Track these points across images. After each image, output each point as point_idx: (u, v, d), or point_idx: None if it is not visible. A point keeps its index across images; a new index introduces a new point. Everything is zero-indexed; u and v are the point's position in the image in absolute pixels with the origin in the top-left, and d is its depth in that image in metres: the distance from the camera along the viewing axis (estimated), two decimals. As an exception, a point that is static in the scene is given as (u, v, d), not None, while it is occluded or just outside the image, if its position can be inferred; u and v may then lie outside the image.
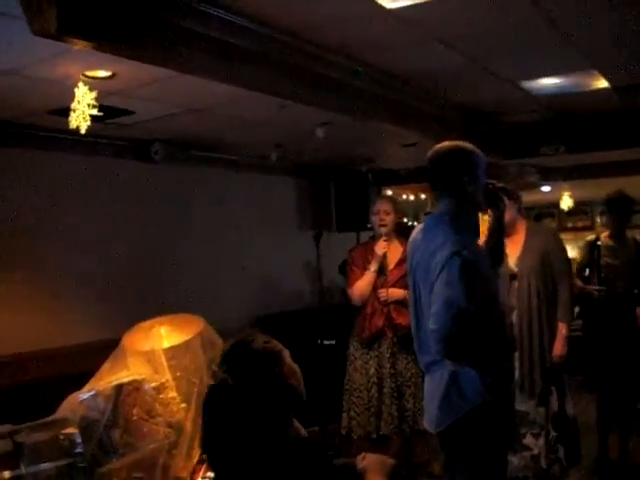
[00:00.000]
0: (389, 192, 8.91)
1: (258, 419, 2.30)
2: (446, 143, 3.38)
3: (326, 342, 6.89)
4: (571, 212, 13.56)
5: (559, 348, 4.86)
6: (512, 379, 3.41)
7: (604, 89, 6.16)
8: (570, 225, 14.65)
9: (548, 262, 4.93)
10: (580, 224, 14.16)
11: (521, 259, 4.93)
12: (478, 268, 3.11)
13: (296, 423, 2.53)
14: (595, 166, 9.28)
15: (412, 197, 10.14)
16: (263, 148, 6.57)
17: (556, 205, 12.73)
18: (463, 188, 3.26)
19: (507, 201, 4.88)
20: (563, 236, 16.21)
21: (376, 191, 7.89)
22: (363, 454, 2.57)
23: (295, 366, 2.45)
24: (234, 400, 2.32)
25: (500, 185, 3.72)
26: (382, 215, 5.45)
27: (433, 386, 3.28)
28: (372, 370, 5.42)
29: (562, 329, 4.89)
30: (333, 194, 8.03)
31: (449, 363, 3.13)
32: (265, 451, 2.24)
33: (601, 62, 5.43)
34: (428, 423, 3.33)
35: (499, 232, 3.65)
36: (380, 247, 5.38)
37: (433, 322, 3.01)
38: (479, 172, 3.32)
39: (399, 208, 5.76)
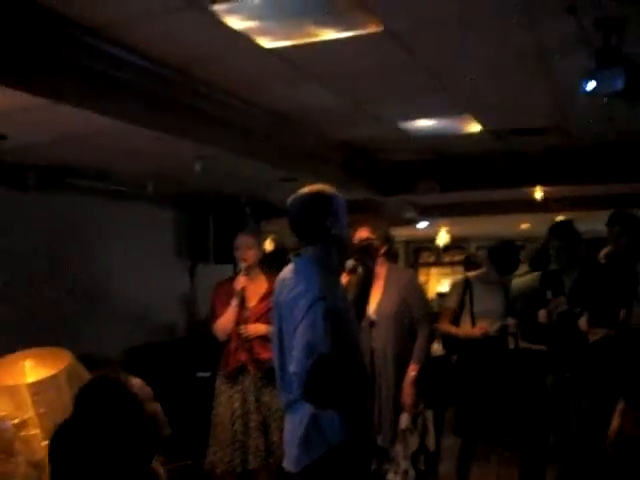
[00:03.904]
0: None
1: (119, 462, 2.27)
2: (304, 190, 3.37)
3: (201, 374, 6.82)
4: (448, 247, 13.95)
5: (407, 393, 4.91)
6: (371, 420, 3.45)
7: (478, 132, 6.41)
8: (447, 260, 15.11)
9: (407, 309, 5.00)
10: (456, 258, 14.64)
11: (380, 306, 4.97)
12: (340, 315, 3.15)
13: (154, 464, 2.50)
14: (471, 204, 9.60)
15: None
16: (142, 178, 6.51)
17: (434, 240, 13.05)
18: (327, 232, 3.28)
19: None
20: (439, 270, 16.64)
21: (254, 224, 7.93)
22: None
23: (158, 407, 2.43)
24: (92, 442, 2.28)
25: (369, 242, 3.82)
26: (243, 250, 5.42)
27: (294, 426, 3.29)
28: (237, 404, 5.35)
29: (412, 370, 4.92)
30: (212, 225, 8.02)
31: (309, 406, 3.14)
32: None
33: (473, 107, 5.65)
34: (288, 462, 3.34)
35: (366, 287, 3.76)
36: (238, 282, 5.36)
37: (294, 366, 3.03)
38: (340, 213, 3.35)
39: (261, 242, 5.79)
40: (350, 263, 3.82)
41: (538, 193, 7.89)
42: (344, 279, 4.70)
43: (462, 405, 5.49)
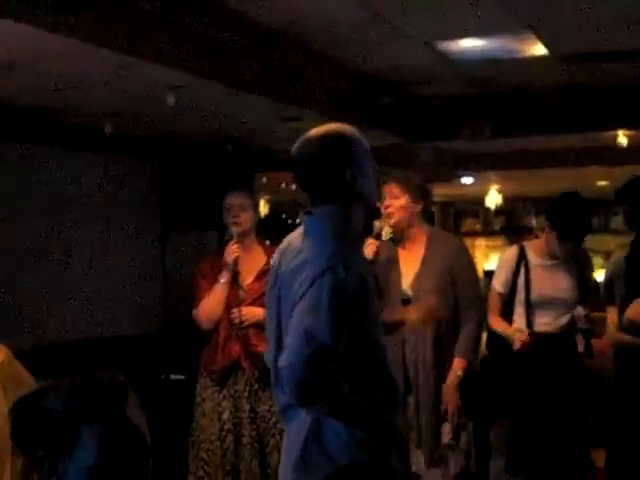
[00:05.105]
0: (264, 179, 8.92)
1: None
2: (315, 132, 3.27)
3: (173, 377, 6.79)
4: (500, 211, 13.84)
5: (448, 394, 4.91)
6: (394, 432, 3.33)
7: (542, 57, 6.29)
8: (498, 227, 14.98)
9: (452, 286, 4.98)
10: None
11: (418, 279, 4.95)
12: (357, 294, 3.02)
13: None
14: (530, 154, 9.51)
15: (294, 187, 10.15)
16: (96, 118, 6.42)
17: (481, 202, 12.98)
18: (347, 187, 3.19)
19: (406, 199, 4.93)
20: (488, 241, 16.60)
21: (247, 178, 7.87)
22: None
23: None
24: None
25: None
26: (235, 211, 5.43)
27: (290, 439, 3.23)
28: (226, 414, 5.32)
29: (457, 368, 4.92)
30: (188, 181, 7.96)
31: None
32: None
33: (539, 22, 5.51)
34: None
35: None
36: (230, 252, 5.34)
37: (285, 357, 2.92)
38: (365, 162, 3.26)
39: (256, 203, 5.85)
40: (379, 225, 3.75)
41: (622, 138, 7.78)
42: (369, 247, 4.63)
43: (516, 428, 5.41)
